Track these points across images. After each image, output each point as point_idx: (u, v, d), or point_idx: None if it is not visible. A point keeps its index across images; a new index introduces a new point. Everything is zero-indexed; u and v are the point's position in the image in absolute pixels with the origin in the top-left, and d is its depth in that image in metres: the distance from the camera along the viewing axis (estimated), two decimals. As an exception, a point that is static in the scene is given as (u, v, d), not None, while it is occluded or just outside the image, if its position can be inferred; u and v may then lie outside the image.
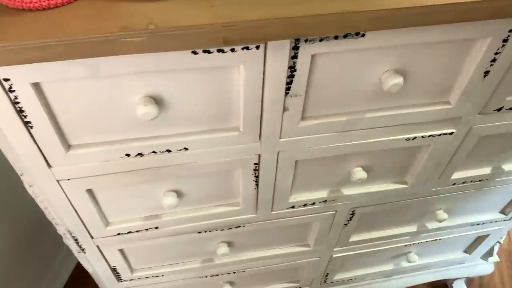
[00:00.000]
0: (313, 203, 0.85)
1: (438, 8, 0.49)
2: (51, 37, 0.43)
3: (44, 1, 0.45)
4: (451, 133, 0.74)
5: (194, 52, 0.50)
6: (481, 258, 1.31)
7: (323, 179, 0.81)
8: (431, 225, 1.05)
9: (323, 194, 0.84)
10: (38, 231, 1.26)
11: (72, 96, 0.54)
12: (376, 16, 0.48)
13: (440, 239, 1.11)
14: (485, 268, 1.35)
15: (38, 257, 1.29)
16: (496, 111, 0.72)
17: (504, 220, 1.10)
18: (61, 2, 0.46)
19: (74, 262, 1.44)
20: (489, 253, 1.29)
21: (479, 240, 1.20)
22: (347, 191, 0.84)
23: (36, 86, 0.51)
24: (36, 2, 0.45)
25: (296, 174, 0.78)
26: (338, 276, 1.19)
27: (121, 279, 0.97)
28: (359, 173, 0.77)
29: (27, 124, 0.55)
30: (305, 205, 0.85)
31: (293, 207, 0.85)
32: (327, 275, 1.16)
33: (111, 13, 0.46)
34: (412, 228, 1.05)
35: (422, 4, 0.49)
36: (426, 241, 1.11)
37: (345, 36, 0.53)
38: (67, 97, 0.54)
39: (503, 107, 0.71)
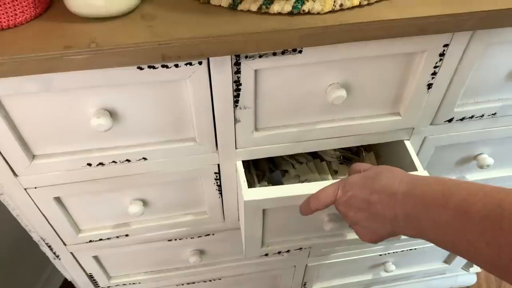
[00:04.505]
0: (279, 212, 0.88)
1: (363, 25, 0.52)
2: (1, 56, 0.48)
3: (-4, 24, 0.49)
4: (405, 144, 0.76)
5: (140, 68, 0.55)
6: (462, 268, 1.32)
7: (286, 188, 0.84)
8: (404, 234, 1.07)
9: (288, 203, 0.87)
10: (27, 243, 1.29)
11: (30, 109, 0.58)
12: (305, 33, 0.52)
13: (415, 249, 1.13)
14: (468, 278, 1.35)
15: (27, 270, 1.32)
16: (447, 122, 0.74)
17: (479, 230, 1.11)
18: (13, 24, 0.50)
19: (62, 276, 1.47)
20: (470, 263, 1.30)
21: (457, 250, 1.20)
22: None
23: (-4, 100, 0.56)
24: (-11, 25, 0.49)
25: (259, 183, 0.81)
26: (317, 286, 1.21)
27: (98, 286, 1.00)
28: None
29: (-10, 135, 0.59)
30: (271, 213, 0.88)
31: (259, 215, 0.87)
32: (305, 284, 1.18)
33: (57, 33, 0.51)
34: (385, 238, 1.07)
35: (348, 22, 0.52)
36: (402, 251, 1.12)
37: (283, 53, 0.57)
38: (26, 110, 0.58)
39: (453, 118, 0.74)
